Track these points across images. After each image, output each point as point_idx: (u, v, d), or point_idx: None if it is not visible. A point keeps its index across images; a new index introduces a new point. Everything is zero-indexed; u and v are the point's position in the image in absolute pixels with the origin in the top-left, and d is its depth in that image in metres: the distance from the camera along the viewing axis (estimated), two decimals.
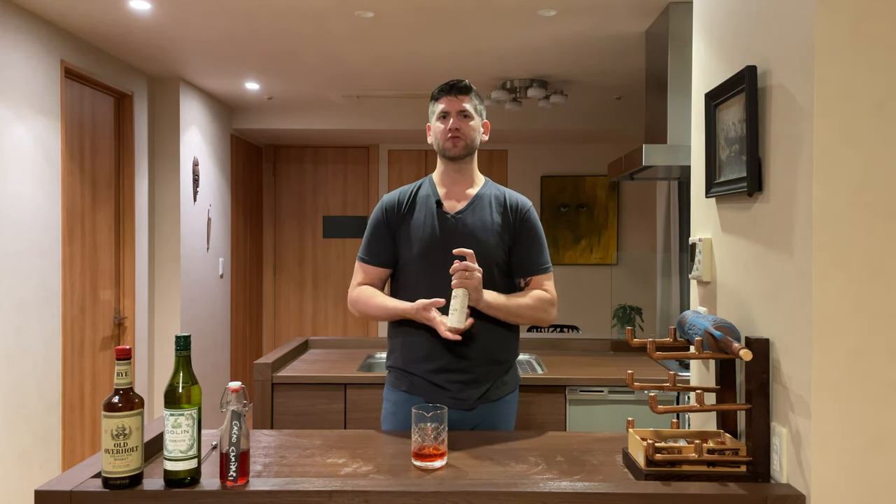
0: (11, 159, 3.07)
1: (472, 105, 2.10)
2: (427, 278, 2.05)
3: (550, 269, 2.15)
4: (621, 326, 5.04)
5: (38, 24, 3.26)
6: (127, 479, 1.41)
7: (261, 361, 2.87)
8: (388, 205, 2.15)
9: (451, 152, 2.08)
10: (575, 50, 3.79)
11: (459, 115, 2.08)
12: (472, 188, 2.14)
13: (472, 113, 2.09)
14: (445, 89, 2.10)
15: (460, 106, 2.08)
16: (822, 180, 1.34)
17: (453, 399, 2.03)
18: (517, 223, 2.10)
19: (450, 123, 2.07)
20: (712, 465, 1.49)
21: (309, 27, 3.41)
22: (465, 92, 2.09)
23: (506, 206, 2.11)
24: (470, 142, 2.09)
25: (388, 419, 2.12)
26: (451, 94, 2.09)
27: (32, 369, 3.19)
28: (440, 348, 2.02)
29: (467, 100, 2.09)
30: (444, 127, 2.09)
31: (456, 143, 2.07)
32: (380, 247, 2.14)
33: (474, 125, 2.10)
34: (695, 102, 2.03)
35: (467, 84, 2.10)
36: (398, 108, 5.39)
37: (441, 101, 2.10)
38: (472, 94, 2.11)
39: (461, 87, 2.09)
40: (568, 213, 6.15)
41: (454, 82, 2.10)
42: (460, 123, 2.08)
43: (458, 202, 2.11)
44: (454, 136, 2.07)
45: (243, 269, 5.80)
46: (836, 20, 1.34)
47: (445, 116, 2.09)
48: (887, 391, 1.34)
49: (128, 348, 1.41)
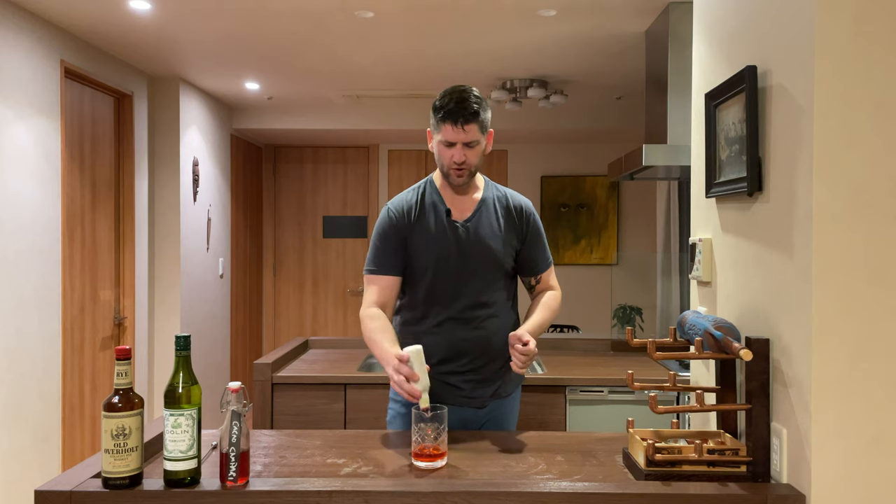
0: (11, 159, 3.07)
1: (477, 132, 1.95)
2: (438, 287, 2.05)
3: (552, 262, 2.19)
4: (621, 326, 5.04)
5: (38, 23, 3.26)
6: (127, 479, 1.41)
7: (261, 361, 2.87)
8: (397, 212, 2.07)
9: (455, 182, 2.01)
10: (575, 50, 3.79)
11: (465, 146, 1.96)
12: (476, 193, 2.11)
13: (476, 141, 1.96)
14: (452, 115, 1.92)
15: (466, 138, 1.94)
16: (822, 180, 1.34)
17: (466, 398, 2.06)
18: (524, 227, 2.10)
19: (454, 156, 1.96)
20: (712, 466, 1.49)
21: (309, 27, 3.41)
22: (471, 120, 1.92)
23: (510, 209, 2.10)
24: (474, 169, 2.01)
25: (396, 420, 2.11)
26: (458, 125, 1.92)
27: (32, 369, 3.19)
28: (455, 352, 2.04)
29: (473, 128, 1.94)
30: (448, 154, 1.97)
31: (461, 174, 1.99)
32: (390, 255, 2.06)
33: (479, 149, 1.99)
34: (695, 102, 2.03)
35: (475, 110, 1.92)
36: (398, 108, 5.39)
37: (445, 128, 1.94)
38: (480, 121, 1.95)
39: (468, 116, 1.91)
40: (568, 213, 6.14)
41: (459, 108, 1.91)
42: (466, 155, 1.96)
43: (465, 209, 2.08)
44: (459, 168, 1.98)
45: (243, 269, 5.80)
46: (836, 20, 1.34)
47: (450, 146, 1.97)
48: (887, 391, 1.34)
49: (128, 348, 1.41)
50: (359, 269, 6.22)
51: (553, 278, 2.19)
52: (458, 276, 2.04)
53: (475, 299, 2.05)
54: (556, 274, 2.22)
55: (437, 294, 2.05)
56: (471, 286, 2.05)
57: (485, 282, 2.06)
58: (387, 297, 2.06)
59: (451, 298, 2.05)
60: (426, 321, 2.07)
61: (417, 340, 2.04)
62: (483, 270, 2.05)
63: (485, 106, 1.97)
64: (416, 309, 2.10)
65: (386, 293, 2.06)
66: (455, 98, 1.93)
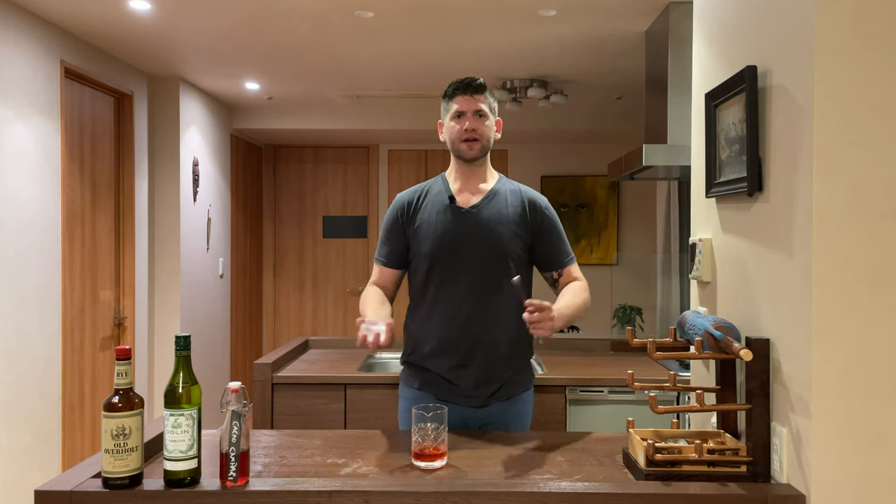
0: (11, 159, 3.07)
1: (487, 104, 2.05)
2: (442, 272, 2.04)
3: (574, 258, 2.18)
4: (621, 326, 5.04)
5: (38, 23, 3.26)
6: (127, 479, 1.41)
7: (261, 361, 2.87)
8: (400, 203, 2.12)
9: (466, 155, 2.05)
10: (575, 50, 3.79)
11: (475, 115, 2.03)
12: (487, 183, 2.11)
13: (487, 112, 2.05)
14: (461, 88, 2.04)
15: (476, 105, 2.03)
16: (822, 180, 1.34)
17: (465, 396, 2.04)
18: (537, 222, 2.09)
19: (465, 124, 2.02)
20: (712, 465, 1.49)
21: (309, 27, 3.41)
22: (480, 90, 2.04)
23: (522, 201, 2.09)
24: (486, 142, 2.06)
25: (403, 416, 2.13)
26: (467, 94, 2.03)
27: (32, 369, 3.19)
28: (453, 344, 2.02)
29: (483, 99, 2.04)
30: (459, 127, 2.04)
31: (472, 146, 2.04)
32: (392, 247, 2.12)
33: (490, 124, 2.06)
34: (695, 102, 2.03)
35: (482, 82, 2.05)
36: (398, 108, 5.39)
37: (456, 100, 2.04)
38: (487, 93, 2.06)
39: (477, 86, 2.03)
40: (568, 213, 6.15)
41: (469, 80, 2.04)
42: (477, 123, 2.03)
43: (473, 196, 2.08)
44: (470, 137, 2.02)
45: (243, 269, 5.80)
46: (836, 20, 1.34)
47: (460, 116, 2.03)
48: (887, 391, 1.34)
49: (128, 348, 1.41)
50: (359, 270, 6.23)
51: (578, 272, 2.16)
52: (457, 262, 2.01)
53: (474, 290, 2.02)
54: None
55: (435, 283, 2.05)
56: (470, 274, 2.02)
57: (487, 271, 2.02)
58: (386, 283, 2.15)
59: (448, 289, 2.02)
60: (421, 310, 2.08)
61: (417, 332, 2.07)
62: (483, 256, 2.02)
63: (492, 90, 2.11)
64: (415, 297, 2.12)
65: (385, 279, 2.15)
66: (464, 79, 2.06)
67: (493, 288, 2.02)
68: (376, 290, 2.12)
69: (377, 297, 2.08)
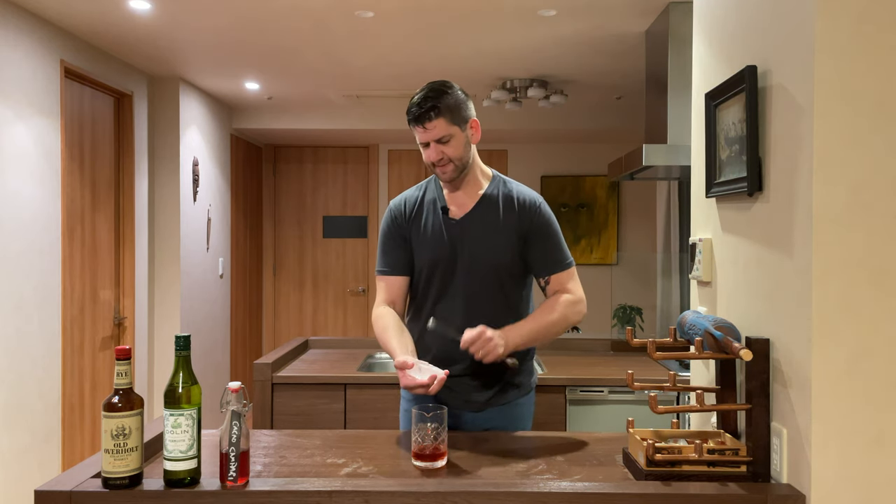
0: (11, 159, 3.07)
1: (445, 125, 1.92)
2: (436, 286, 2.03)
3: (572, 266, 2.06)
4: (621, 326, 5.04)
5: (38, 23, 3.26)
6: (127, 479, 1.41)
7: (261, 361, 2.87)
8: (396, 211, 2.08)
9: (443, 178, 2.01)
10: (575, 50, 3.79)
11: (436, 142, 1.94)
12: (480, 189, 2.05)
13: (448, 134, 1.93)
14: (412, 119, 1.94)
15: (432, 135, 1.93)
16: (822, 180, 1.34)
17: (464, 401, 2.03)
18: (527, 223, 2.01)
19: (430, 154, 1.96)
20: (712, 465, 1.49)
21: (309, 27, 3.41)
22: (430, 118, 1.91)
23: (515, 205, 2.02)
24: (458, 161, 1.97)
25: (403, 416, 2.15)
26: (419, 125, 1.93)
27: (32, 369, 3.19)
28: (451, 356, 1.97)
29: (436, 124, 1.91)
30: (426, 155, 1.98)
31: (444, 170, 1.98)
32: (395, 255, 2.06)
33: (456, 143, 1.95)
34: (695, 102, 2.03)
35: (431, 105, 1.90)
36: (398, 108, 5.38)
37: (415, 130, 1.96)
38: (442, 113, 1.91)
39: (423, 115, 1.91)
40: (568, 213, 6.14)
41: (416, 110, 1.92)
42: (440, 150, 1.94)
43: (465, 205, 2.04)
44: (439, 164, 1.97)
45: (243, 269, 5.80)
46: (836, 20, 1.34)
47: (425, 146, 1.97)
48: (887, 391, 1.34)
49: (127, 348, 1.41)
50: (359, 270, 6.22)
51: (572, 283, 2.04)
52: (450, 275, 2.00)
53: (468, 301, 2.00)
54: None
55: (431, 294, 2.04)
56: (464, 287, 2.00)
57: (480, 283, 2.00)
58: (395, 296, 2.08)
59: (443, 299, 2.01)
60: (420, 321, 2.07)
61: (418, 338, 2.05)
62: (476, 269, 1.99)
63: (451, 98, 1.93)
64: (413, 308, 2.11)
65: (393, 291, 2.08)
66: (415, 100, 1.94)
67: (488, 298, 2.00)
68: (390, 313, 2.03)
69: (395, 327, 1.99)
